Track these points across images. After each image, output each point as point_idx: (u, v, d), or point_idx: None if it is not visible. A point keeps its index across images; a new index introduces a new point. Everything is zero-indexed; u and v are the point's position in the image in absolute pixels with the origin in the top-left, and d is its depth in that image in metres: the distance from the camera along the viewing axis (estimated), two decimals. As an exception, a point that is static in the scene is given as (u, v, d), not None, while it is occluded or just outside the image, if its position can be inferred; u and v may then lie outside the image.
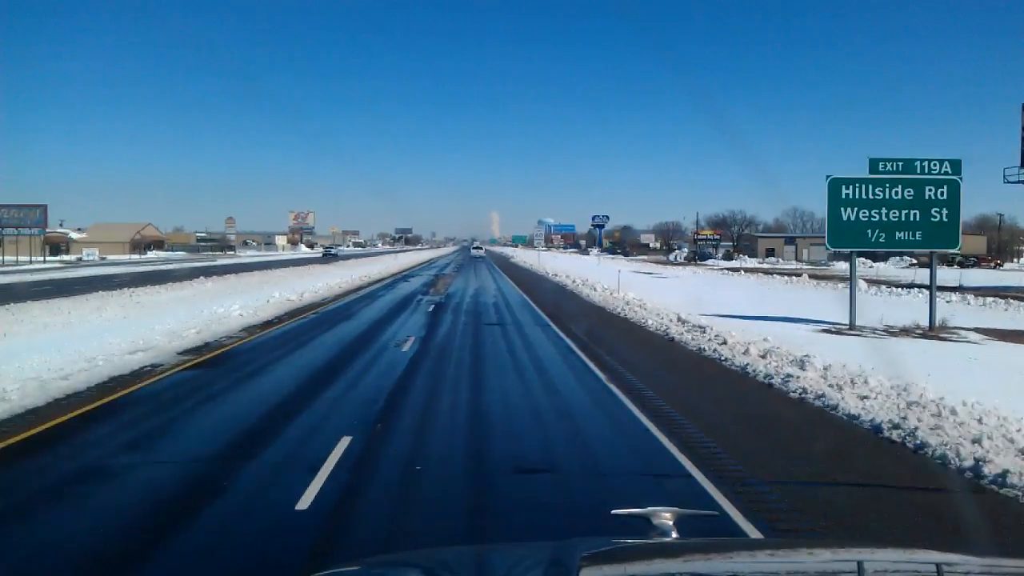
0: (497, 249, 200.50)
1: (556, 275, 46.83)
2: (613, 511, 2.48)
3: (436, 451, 8.08)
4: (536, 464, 7.60)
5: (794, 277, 50.06)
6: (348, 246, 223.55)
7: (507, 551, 2.63)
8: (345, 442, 7.95)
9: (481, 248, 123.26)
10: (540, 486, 6.97)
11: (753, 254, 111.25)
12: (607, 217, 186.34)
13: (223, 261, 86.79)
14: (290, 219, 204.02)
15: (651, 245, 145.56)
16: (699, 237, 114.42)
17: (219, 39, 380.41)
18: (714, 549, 2.32)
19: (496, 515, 6.22)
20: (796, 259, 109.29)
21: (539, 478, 7.17)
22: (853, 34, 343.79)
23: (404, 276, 47.49)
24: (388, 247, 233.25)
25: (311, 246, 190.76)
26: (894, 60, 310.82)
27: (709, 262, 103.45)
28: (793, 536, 5.53)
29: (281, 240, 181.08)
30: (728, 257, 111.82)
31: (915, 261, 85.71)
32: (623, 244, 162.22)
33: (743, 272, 61.17)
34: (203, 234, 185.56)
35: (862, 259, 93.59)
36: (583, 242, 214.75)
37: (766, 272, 62.13)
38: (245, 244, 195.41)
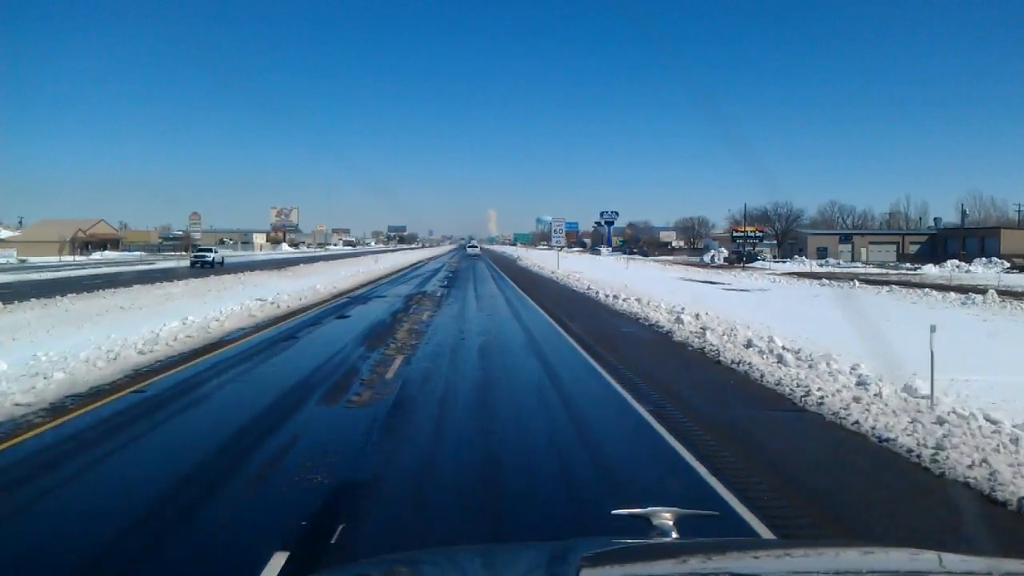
0: (497, 248, 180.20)
1: (615, 297, 26.67)
2: (613, 511, 2.35)
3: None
4: None
5: (974, 295, 29.60)
6: (337, 245, 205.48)
7: (507, 551, 2.51)
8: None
9: (477, 247, 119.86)
10: None
11: (802, 253, 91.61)
12: (616, 213, 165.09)
13: (163, 264, 66.84)
14: (272, 216, 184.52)
15: (673, 244, 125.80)
16: (739, 233, 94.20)
17: (207, 34, 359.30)
18: (714, 549, 2.16)
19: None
20: (855, 259, 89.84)
21: None
22: (880, 24, 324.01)
23: (355, 300, 27.09)
24: (382, 246, 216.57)
25: (295, 245, 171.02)
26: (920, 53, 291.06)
27: (758, 264, 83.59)
28: (795, 536, 4.98)
29: (259, 239, 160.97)
30: (751, 258, 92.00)
31: (1009, 264, 66.87)
32: (636, 242, 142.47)
33: (857, 283, 40.93)
34: (180, 232, 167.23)
35: (953, 261, 74.36)
36: (587, 240, 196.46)
37: (889, 281, 42.28)
38: (222, 243, 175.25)
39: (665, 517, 2.22)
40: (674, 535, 2.16)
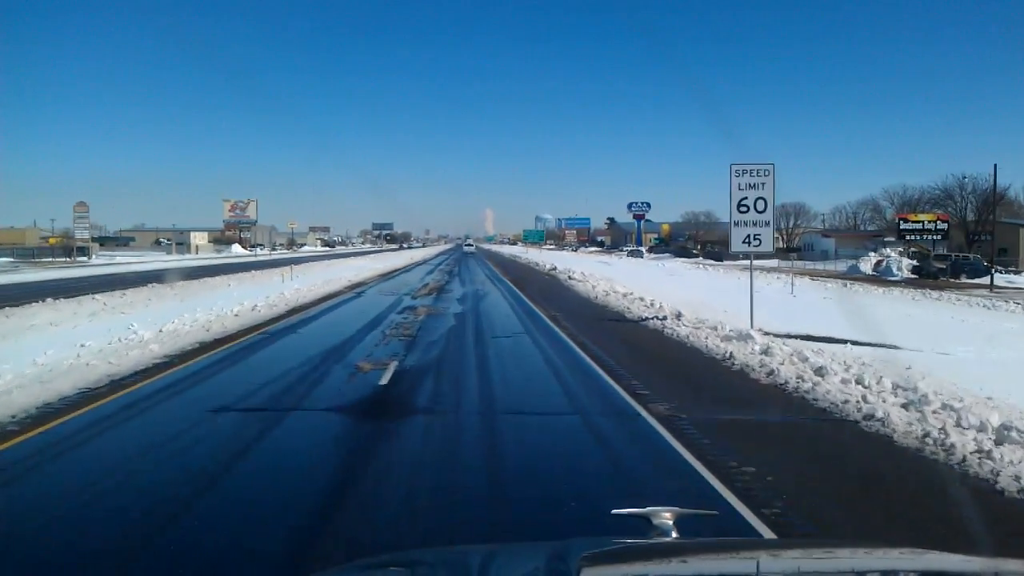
0: (504, 250, 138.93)
1: None
2: (613, 511, 2.21)
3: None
4: None
5: None
6: (313, 244, 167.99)
7: (506, 551, 2.37)
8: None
9: (472, 245, 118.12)
10: None
11: (1004, 254, 53.20)
12: (648, 205, 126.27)
13: None
14: (225, 210, 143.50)
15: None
16: (910, 225, 55.21)
17: (177, 12, 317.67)
18: (714, 549, 2.12)
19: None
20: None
21: None
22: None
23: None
24: (369, 246, 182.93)
25: (254, 246, 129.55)
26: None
27: (1001, 280, 44.53)
28: (795, 537, 4.82)
29: (199, 238, 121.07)
30: (983, 270, 52.45)
31: None
32: (683, 239, 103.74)
33: None
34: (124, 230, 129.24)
35: None
36: (603, 239, 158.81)
37: None
38: (158, 243, 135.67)
39: (665, 517, 2.09)
40: (674, 535, 2.04)
